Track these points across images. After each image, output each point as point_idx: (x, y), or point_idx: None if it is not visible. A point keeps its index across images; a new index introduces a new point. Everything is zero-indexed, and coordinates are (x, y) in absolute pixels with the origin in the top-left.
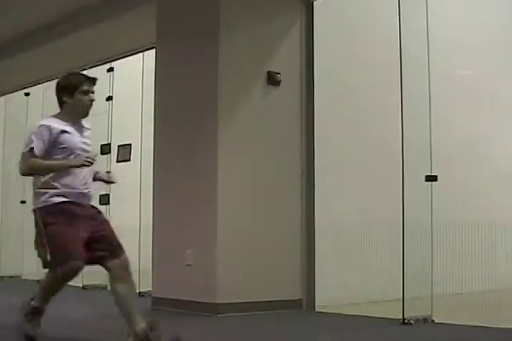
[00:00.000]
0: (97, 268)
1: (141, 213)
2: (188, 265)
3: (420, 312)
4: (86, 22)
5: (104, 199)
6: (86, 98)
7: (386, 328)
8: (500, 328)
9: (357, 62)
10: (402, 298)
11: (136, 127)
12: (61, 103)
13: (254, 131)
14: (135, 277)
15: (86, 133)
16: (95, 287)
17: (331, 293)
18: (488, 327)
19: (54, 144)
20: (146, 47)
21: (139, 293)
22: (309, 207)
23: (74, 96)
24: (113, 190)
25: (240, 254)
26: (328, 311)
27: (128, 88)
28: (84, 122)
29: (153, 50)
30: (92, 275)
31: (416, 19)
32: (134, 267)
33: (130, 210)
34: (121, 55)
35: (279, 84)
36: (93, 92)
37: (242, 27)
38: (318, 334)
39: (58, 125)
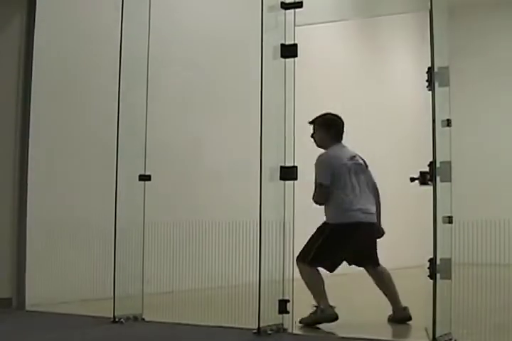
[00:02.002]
0: None
1: None
2: None
3: (131, 310)
4: None
5: None
6: None
7: (97, 327)
8: (208, 325)
9: (79, 59)
10: (113, 296)
11: None
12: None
13: None
14: None
15: None
16: None
17: (43, 292)
18: (196, 325)
19: None
20: None
21: None
22: (21, 204)
23: None
24: None
25: None
26: (40, 310)
27: None
28: None
29: None
30: None
31: (139, 20)
32: None
33: None
34: None
35: None
36: None
37: None
38: (28, 334)
39: None
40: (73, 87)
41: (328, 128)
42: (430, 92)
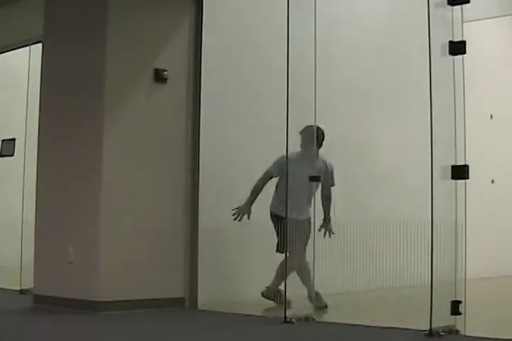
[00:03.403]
0: None
1: (23, 209)
2: (70, 262)
3: (302, 311)
4: None
5: None
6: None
7: (268, 327)
8: (378, 326)
9: (246, 62)
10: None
11: (21, 121)
12: None
13: (139, 129)
14: (17, 274)
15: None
16: None
17: (214, 292)
18: (366, 326)
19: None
20: (32, 41)
21: (21, 290)
22: (193, 205)
23: None
24: None
25: (123, 252)
26: (211, 309)
27: (13, 81)
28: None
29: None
30: None
31: (304, 20)
32: (15, 264)
33: (13, 206)
34: (7, 48)
35: (165, 82)
36: None
37: (130, 23)
38: (200, 333)
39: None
40: (242, 87)
41: None
42: None
